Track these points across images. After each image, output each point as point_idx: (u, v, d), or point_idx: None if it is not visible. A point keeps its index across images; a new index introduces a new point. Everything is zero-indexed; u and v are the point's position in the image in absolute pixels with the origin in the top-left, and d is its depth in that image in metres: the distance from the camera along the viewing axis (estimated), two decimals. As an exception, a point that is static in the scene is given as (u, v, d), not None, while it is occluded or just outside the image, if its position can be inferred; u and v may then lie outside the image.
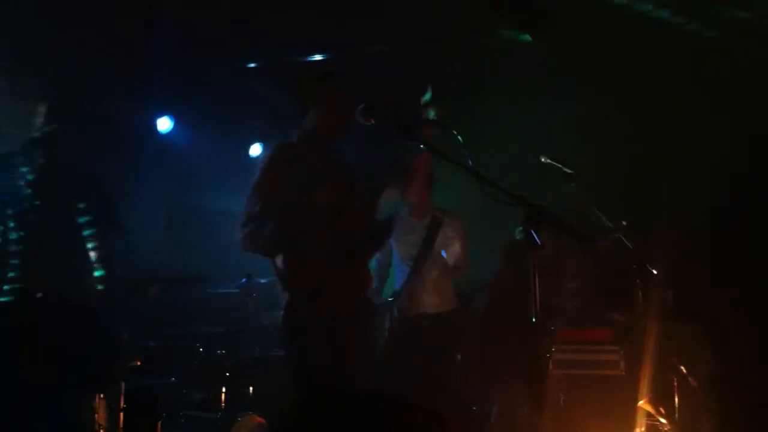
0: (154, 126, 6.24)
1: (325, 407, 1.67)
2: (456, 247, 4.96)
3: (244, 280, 5.33)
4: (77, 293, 3.30)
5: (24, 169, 3.36)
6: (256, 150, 6.78)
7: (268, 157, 3.59)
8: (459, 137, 3.14)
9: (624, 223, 4.32)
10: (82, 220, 3.29)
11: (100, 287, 3.30)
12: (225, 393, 4.82)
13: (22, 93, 5.37)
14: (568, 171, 4.40)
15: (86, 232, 3.29)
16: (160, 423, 3.92)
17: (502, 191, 2.67)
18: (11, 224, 3.30)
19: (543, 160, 4.43)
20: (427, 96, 3.71)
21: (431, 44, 5.57)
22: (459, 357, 5.20)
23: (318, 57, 6.02)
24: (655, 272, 4.21)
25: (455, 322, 4.90)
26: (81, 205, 3.29)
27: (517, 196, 2.64)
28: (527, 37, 5.58)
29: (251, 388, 5.00)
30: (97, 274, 3.30)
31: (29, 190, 3.32)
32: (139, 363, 4.38)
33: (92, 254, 3.29)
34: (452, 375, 5.13)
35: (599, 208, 4.30)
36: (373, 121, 3.18)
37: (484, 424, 4.84)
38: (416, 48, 5.64)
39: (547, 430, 2.85)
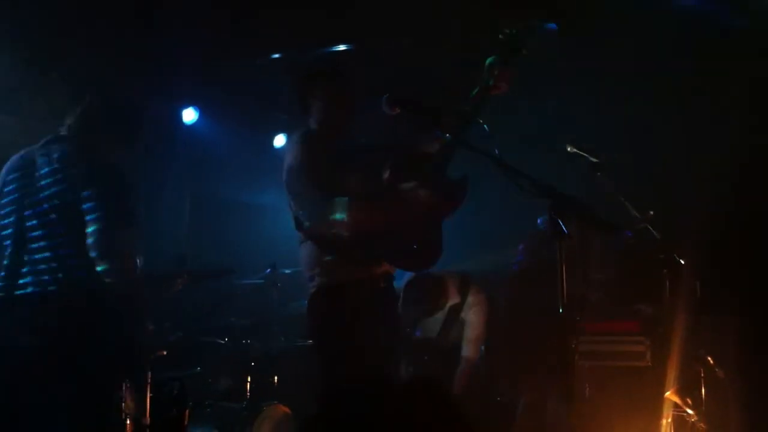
0: (179, 117, 6.26)
1: (349, 397, 1.67)
2: (476, 330, 4.93)
3: (268, 270, 5.34)
4: (84, 288, 3.29)
5: (41, 163, 3.37)
6: (280, 141, 6.79)
7: (300, 146, 3.56)
8: (485, 126, 3.13)
9: (651, 212, 4.28)
10: (89, 217, 3.26)
11: (108, 280, 3.26)
12: (250, 383, 4.84)
13: (48, 89, 5.43)
14: (594, 160, 4.37)
15: (90, 229, 3.26)
16: (187, 412, 3.93)
17: (528, 181, 2.65)
18: (33, 222, 3.32)
19: (569, 149, 4.40)
20: (490, 59, 3.46)
21: (453, 36, 5.54)
22: (483, 348, 5.20)
23: (342, 47, 6.01)
24: (682, 262, 4.16)
25: None
26: (87, 199, 3.26)
27: (544, 186, 2.63)
28: (552, 26, 5.52)
29: (276, 378, 5.02)
30: (99, 268, 3.25)
31: (43, 183, 3.33)
32: (164, 353, 4.42)
33: (96, 247, 3.25)
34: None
35: (626, 197, 4.26)
36: (398, 111, 3.18)
37: (511, 416, 4.82)
38: (438, 40, 5.62)
39: (572, 422, 2.83)
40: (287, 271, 5.27)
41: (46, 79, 5.45)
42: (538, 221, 4.97)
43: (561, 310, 2.65)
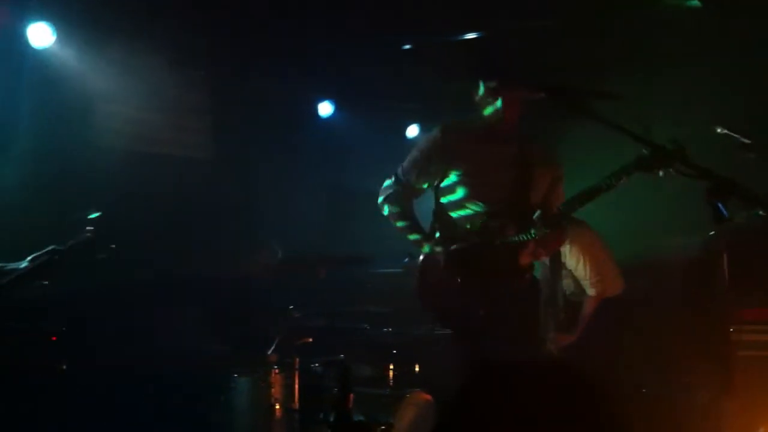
0: (316, 111, 6.42)
1: (490, 385, 1.66)
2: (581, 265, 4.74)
3: (406, 259, 5.38)
4: None
5: None
6: (413, 131, 6.83)
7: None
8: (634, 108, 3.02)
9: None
10: None
11: None
12: (392, 370, 4.91)
13: (191, 87, 5.69)
14: (747, 141, 4.17)
15: None
16: (352, 396, 4.01)
17: (684, 163, 2.55)
18: None
19: (719, 130, 4.21)
20: None
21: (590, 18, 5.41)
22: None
23: (471, 36, 5.98)
24: None
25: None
26: None
27: (702, 168, 2.53)
28: (696, 3, 5.29)
29: (417, 366, 5.06)
30: None
31: None
32: (310, 340, 4.56)
33: None
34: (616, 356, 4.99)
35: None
36: (542, 96, 3.13)
37: (660, 408, 4.67)
38: (574, 22, 5.50)
39: (730, 415, 2.70)
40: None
41: (190, 77, 5.70)
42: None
43: (719, 297, 2.56)
